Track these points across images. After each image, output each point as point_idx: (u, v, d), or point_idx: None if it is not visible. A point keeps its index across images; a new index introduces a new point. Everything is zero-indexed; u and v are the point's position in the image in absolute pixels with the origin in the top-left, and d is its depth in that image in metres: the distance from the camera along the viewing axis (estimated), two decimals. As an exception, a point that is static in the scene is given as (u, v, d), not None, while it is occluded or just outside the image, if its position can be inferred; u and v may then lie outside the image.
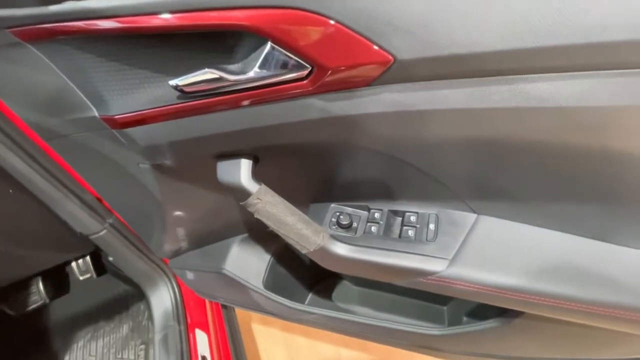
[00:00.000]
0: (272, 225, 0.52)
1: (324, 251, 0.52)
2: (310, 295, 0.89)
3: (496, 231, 0.48)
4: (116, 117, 0.47)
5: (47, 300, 1.15)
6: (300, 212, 0.52)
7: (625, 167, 0.34)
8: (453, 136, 0.39)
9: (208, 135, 0.46)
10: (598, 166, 0.35)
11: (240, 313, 1.24)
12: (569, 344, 0.53)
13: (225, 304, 1.07)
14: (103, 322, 1.24)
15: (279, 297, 0.78)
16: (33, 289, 1.12)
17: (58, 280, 1.22)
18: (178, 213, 0.66)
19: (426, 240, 0.51)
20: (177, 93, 0.42)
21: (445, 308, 0.76)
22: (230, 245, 0.80)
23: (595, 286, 0.42)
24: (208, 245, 0.83)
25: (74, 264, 1.15)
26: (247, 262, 0.79)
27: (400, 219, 0.56)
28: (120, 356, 1.14)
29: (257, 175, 0.51)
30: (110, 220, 0.86)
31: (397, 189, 0.54)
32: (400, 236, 0.53)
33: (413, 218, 0.54)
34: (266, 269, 0.79)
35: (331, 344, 1.40)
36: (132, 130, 0.48)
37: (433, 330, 0.63)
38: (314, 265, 0.58)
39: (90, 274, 1.18)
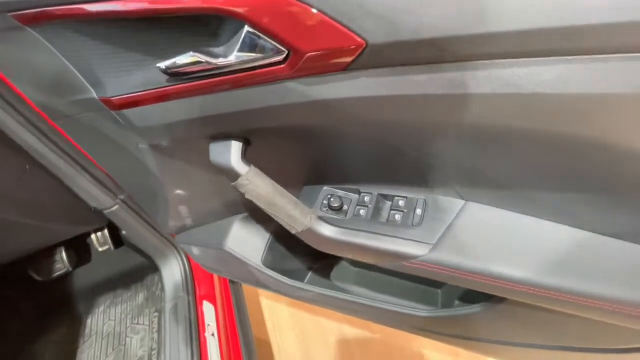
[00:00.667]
0: (262, 206, 0.53)
1: (311, 232, 0.54)
2: (309, 274, 0.92)
3: (482, 218, 0.48)
4: (113, 99, 0.49)
5: (71, 269, 1.24)
6: (290, 194, 0.53)
7: (606, 155, 0.33)
8: (432, 122, 0.38)
9: (197, 118, 0.47)
10: (578, 155, 0.34)
11: (247, 286, 1.30)
12: (552, 331, 0.53)
13: (230, 278, 1.12)
14: (121, 291, 1.34)
15: (277, 274, 0.81)
16: (57, 258, 1.22)
17: (80, 250, 1.31)
18: (179, 192, 0.69)
19: (412, 225, 0.51)
20: (167, 76, 0.44)
21: (439, 291, 0.77)
22: (232, 223, 0.83)
23: (579, 277, 0.41)
24: (211, 223, 0.86)
25: (93, 236, 1.23)
26: (247, 240, 0.82)
27: (389, 203, 0.56)
28: (136, 322, 1.23)
29: (249, 158, 0.52)
30: (122, 197, 0.91)
31: (387, 173, 0.55)
32: (387, 220, 0.54)
33: (402, 203, 0.54)
34: (265, 247, 0.82)
35: (335, 320, 1.45)
36: (128, 112, 0.50)
37: (421, 312, 0.65)
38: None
39: (109, 246, 1.25)
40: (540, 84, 0.30)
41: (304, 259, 0.91)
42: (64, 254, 1.21)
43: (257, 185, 0.51)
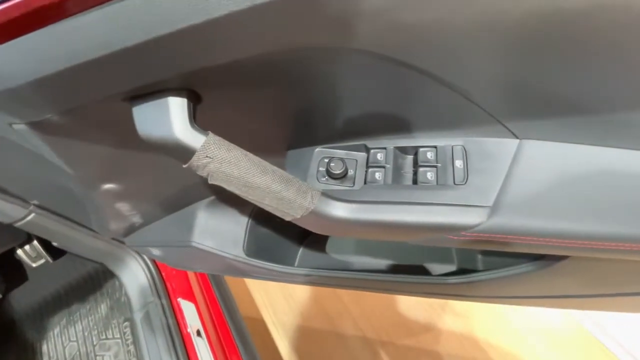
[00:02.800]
0: (236, 191, 0.36)
1: (316, 216, 0.37)
2: (300, 251, 0.78)
3: (550, 159, 0.34)
4: None
5: (0, 295, 1.00)
6: (275, 168, 0.36)
7: None
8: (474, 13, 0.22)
9: (92, 60, 0.26)
10: None
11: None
12: (620, 280, 0.44)
13: (207, 272, 0.95)
14: (77, 305, 1.13)
15: (265, 263, 0.65)
16: (-24, 287, 0.97)
17: (8, 271, 1.06)
18: (107, 186, 0.48)
19: (453, 183, 0.37)
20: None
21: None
22: (195, 212, 0.64)
23: None
24: (168, 216, 0.67)
25: (19, 251, 0.97)
26: (220, 230, 0.64)
27: (412, 157, 0.41)
28: (104, 337, 1.05)
29: (201, 122, 0.33)
30: (36, 201, 0.66)
31: (402, 114, 0.38)
32: (415, 182, 0.39)
33: (430, 154, 0.39)
34: (245, 233, 0.65)
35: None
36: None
37: (452, 279, 0.53)
38: None
39: (44, 259, 1.01)
40: None
41: (293, 236, 0.76)
42: (-17, 281, 0.96)
43: (224, 161, 0.33)
